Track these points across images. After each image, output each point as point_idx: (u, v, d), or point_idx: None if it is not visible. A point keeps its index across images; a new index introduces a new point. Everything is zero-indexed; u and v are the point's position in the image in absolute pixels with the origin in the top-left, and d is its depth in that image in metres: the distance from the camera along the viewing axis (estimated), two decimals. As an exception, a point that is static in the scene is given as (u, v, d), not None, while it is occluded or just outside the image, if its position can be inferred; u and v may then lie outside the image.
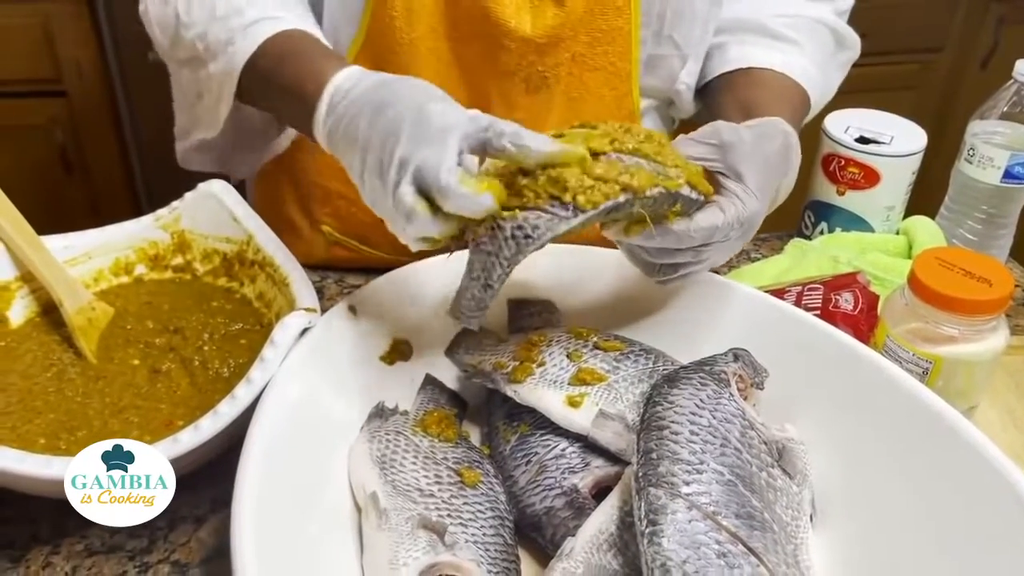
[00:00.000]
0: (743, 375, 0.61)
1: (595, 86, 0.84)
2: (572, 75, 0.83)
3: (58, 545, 0.60)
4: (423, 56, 0.80)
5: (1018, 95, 0.85)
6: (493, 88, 0.82)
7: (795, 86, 0.81)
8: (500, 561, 0.54)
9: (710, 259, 0.65)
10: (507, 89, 0.82)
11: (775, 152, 0.65)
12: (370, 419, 0.63)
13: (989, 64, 1.94)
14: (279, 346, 0.59)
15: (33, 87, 1.67)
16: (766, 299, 0.68)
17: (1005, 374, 0.75)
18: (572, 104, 0.84)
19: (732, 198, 0.62)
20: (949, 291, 0.63)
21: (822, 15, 0.86)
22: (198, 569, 0.59)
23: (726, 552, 0.49)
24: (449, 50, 0.81)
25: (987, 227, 0.90)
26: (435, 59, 0.81)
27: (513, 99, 0.82)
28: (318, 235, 0.94)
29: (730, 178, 0.62)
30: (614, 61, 0.83)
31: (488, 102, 0.83)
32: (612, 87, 0.84)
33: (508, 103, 0.82)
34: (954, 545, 0.52)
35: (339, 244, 0.93)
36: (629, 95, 0.85)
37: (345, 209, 0.91)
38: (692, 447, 0.54)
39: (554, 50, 0.80)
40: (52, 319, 0.70)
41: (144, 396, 0.64)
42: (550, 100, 0.83)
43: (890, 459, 0.57)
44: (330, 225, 0.93)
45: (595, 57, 0.82)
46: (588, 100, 0.85)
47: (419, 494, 0.57)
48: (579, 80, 0.83)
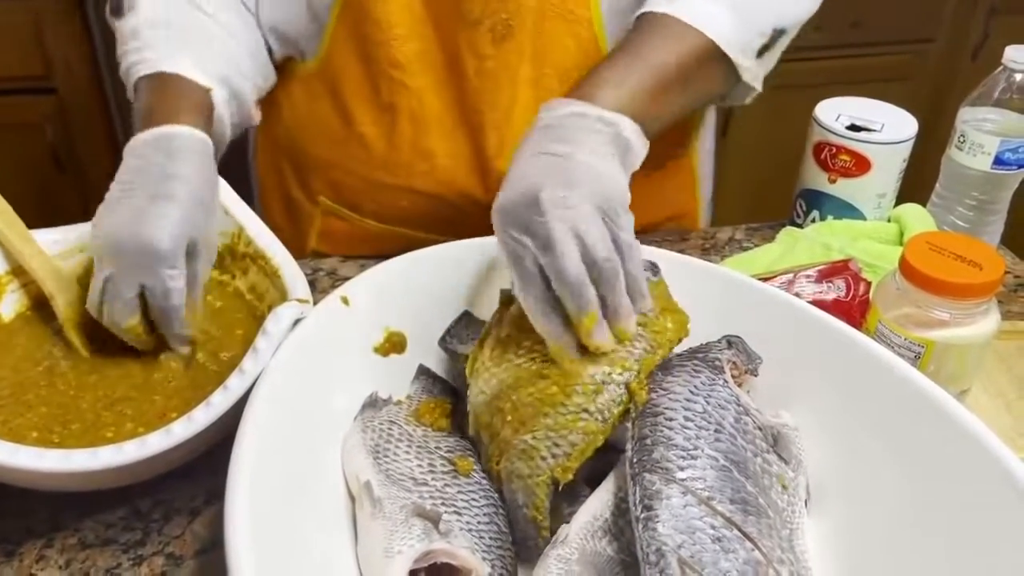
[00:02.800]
0: (737, 362, 0.61)
1: (558, 35, 0.84)
2: (536, 24, 0.82)
3: (52, 539, 0.60)
4: (396, 11, 0.81)
5: (1008, 82, 0.85)
6: (462, 40, 0.82)
7: (675, 32, 0.72)
8: (495, 548, 0.55)
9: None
10: (475, 39, 0.82)
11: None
12: (363, 409, 0.63)
13: (980, 54, 1.95)
14: (272, 336, 0.59)
15: (23, 84, 1.66)
16: (758, 286, 0.68)
17: (997, 359, 0.75)
18: (539, 55, 0.84)
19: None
20: (940, 275, 0.63)
21: None
22: (192, 561, 0.59)
23: (721, 537, 0.49)
24: (420, 3, 0.82)
25: (977, 214, 0.90)
26: (408, 15, 0.82)
27: (481, 50, 0.82)
28: (315, 208, 0.95)
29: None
30: (572, 8, 0.83)
31: (458, 53, 0.83)
32: (574, 35, 0.84)
33: (477, 54, 0.83)
34: (948, 528, 0.52)
35: (334, 214, 0.94)
36: (594, 43, 0.84)
37: (338, 178, 0.92)
38: (687, 433, 0.54)
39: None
40: (43, 313, 0.70)
41: (137, 388, 0.64)
42: (518, 50, 0.83)
43: (883, 443, 0.57)
44: (325, 195, 0.93)
45: (554, 5, 0.82)
46: (554, 50, 0.84)
47: (413, 483, 0.57)
48: (542, 30, 0.83)
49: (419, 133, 0.87)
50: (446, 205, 0.90)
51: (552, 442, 0.56)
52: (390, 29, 0.82)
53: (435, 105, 0.86)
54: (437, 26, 0.83)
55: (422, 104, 0.86)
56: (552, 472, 0.55)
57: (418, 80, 0.85)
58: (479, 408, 0.60)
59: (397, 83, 0.85)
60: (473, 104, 0.86)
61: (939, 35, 1.95)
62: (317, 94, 0.90)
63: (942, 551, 0.52)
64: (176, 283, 0.62)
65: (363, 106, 0.88)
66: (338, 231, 0.96)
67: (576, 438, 0.56)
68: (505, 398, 0.58)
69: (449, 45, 0.83)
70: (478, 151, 0.88)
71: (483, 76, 0.84)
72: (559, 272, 0.55)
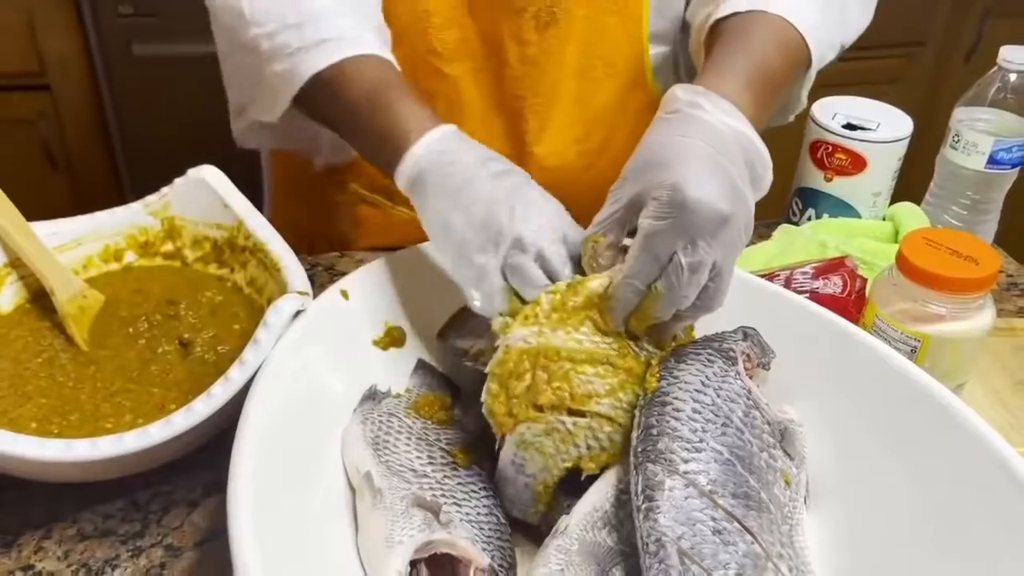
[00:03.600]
0: (751, 354, 0.61)
1: (609, 27, 0.85)
2: (588, 17, 0.83)
3: (50, 530, 0.60)
4: (435, 1, 0.81)
5: (1003, 82, 0.86)
6: (504, 26, 0.83)
7: (775, 27, 0.71)
8: (494, 539, 0.55)
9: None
10: (517, 27, 0.83)
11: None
12: (363, 401, 0.63)
13: (973, 57, 1.96)
14: (272, 328, 0.59)
15: (17, 81, 1.66)
16: (756, 281, 0.69)
17: (991, 355, 0.75)
18: (587, 47, 0.85)
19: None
20: (936, 270, 0.64)
21: None
22: (191, 552, 0.59)
23: (721, 529, 0.50)
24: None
25: (972, 213, 0.91)
26: (446, 3, 0.82)
27: (524, 36, 0.83)
28: (345, 195, 0.94)
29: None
30: (628, 3, 0.84)
31: (500, 40, 0.84)
32: (625, 29, 0.85)
33: (519, 41, 0.83)
34: (946, 521, 0.53)
35: (366, 202, 0.94)
36: (640, 39, 0.86)
37: (368, 166, 0.87)
38: (693, 425, 0.54)
39: None
40: (42, 305, 0.70)
41: (136, 380, 0.64)
42: (561, 38, 0.84)
43: (881, 438, 0.58)
44: (357, 184, 0.93)
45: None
46: (603, 43, 0.86)
47: (413, 474, 0.57)
48: (593, 23, 0.84)
49: (455, 120, 0.84)
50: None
51: (593, 432, 0.56)
52: (428, 17, 0.82)
53: (472, 92, 0.87)
54: (476, 14, 0.83)
55: (459, 91, 0.86)
56: (579, 462, 0.56)
57: (456, 68, 0.85)
58: (516, 351, 0.57)
59: (435, 71, 0.85)
60: (513, 90, 0.86)
61: (932, 38, 1.96)
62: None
63: (940, 544, 0.52)
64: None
65: None
66: (370, 220, 0.95)
67: (619, 438, 0.56)
68: (556, 360, 0.56)
69: (489, 32, 0.84)
70: (517, 137, 0.88)
71: (526, 62, 0.84)
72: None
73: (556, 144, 0.89)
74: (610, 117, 0.90)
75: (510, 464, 0.57)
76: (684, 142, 0.58)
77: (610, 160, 0.91)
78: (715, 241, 0.55)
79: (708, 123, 0.60)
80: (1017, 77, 0.85)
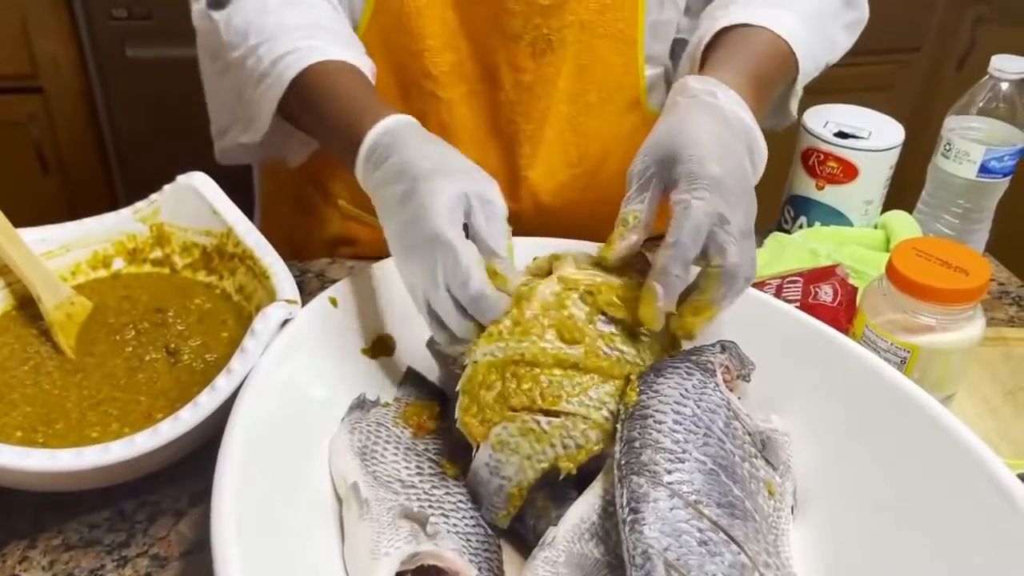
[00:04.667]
0: (729, 366, 0.62)
1: (604, 52, 0.85)
2: (581, 42, 0.83)
3: (35, 539, 0.60)
4: (430, 25, 0.81)
5: (994, 91, 0.86)
6: (500, 53, 0.83)
7: (766, 37, 0.75)
8: (482, 551, 0.54)
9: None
10: (513, 54, 0.83)
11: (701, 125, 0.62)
12: (351, 411, 0.63)
13: (966, 64, 1.96)
14: (260, 336, 0.59)
15: (9, 83, 1.65)
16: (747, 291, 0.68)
17: (980, 365, 0.75)
18: (582, 72, 0.85)
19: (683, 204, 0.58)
20: (927, 280, 0.64)
21: None
22: (177, 562, 0.59)
23: (707, 540, 0.49)
24: (455, 17, 0.82)
25: (963, 221, 0.91)
26: (442, 27, 0.82)
27: (520, 63, 0.83)
28: (333, 210, 0.94)
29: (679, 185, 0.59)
30: (623, 28, 0.84)
31: (495, 66, 0.84)
32: (620, 53, 0.85)
33: (515, 67, 0.83)
34: (933, 532, 0.53)
35: (354, 218, 0.94)
36: (635, 62, 0.86)
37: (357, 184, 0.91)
38: (675, 436, 0.54)
39: (559, 12, 0.81)
40: (29, 312, 0.69)
41: (123, 388, 0.64)
42: (557, 64, 0.84)
43: (870, 448, 0.58)
44: (344, 199, 0.93)
45: (604, 24, 0.83)
46: (597, 68, 0.86)
47: (400, 485, 0.57)
48: (588, 47, 0.84)
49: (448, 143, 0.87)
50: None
51: (567, 432, 0.56)
52: (423, 40, 0.82)
53: (466, 116, 0.87)
54: (472, 39, 0.83)
55: (452, 114, 0.86)
56: (555, 461, 0.56)
57: (450, 91, 0.85)
58: (483, 365, 0.58)
59: (429, 93, 0.85)
60: (508, 115, 0.86)
61: (925, 44, 1.97)
62: None
63: (927, 555, 0.52)
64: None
65: None
66: (359, 235, 0.96)
67: (593, 435, 0.56)
68: (523, 366, 0.57)
69: (484, 58, 0.84)
70: (510, 161, 0.89)
71: (520, 89, 0.84)
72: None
73: (549, 168, 0.90)
74: (604, 140, 0.90)
75: (484, 466, 0.57)
76: (704, 125, 0.61)
77: (605, 182, 0.91)
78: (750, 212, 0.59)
79: (723, 111, 0.63)
80: (1009, 86, 0.85)
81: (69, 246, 0.72)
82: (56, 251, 0.71)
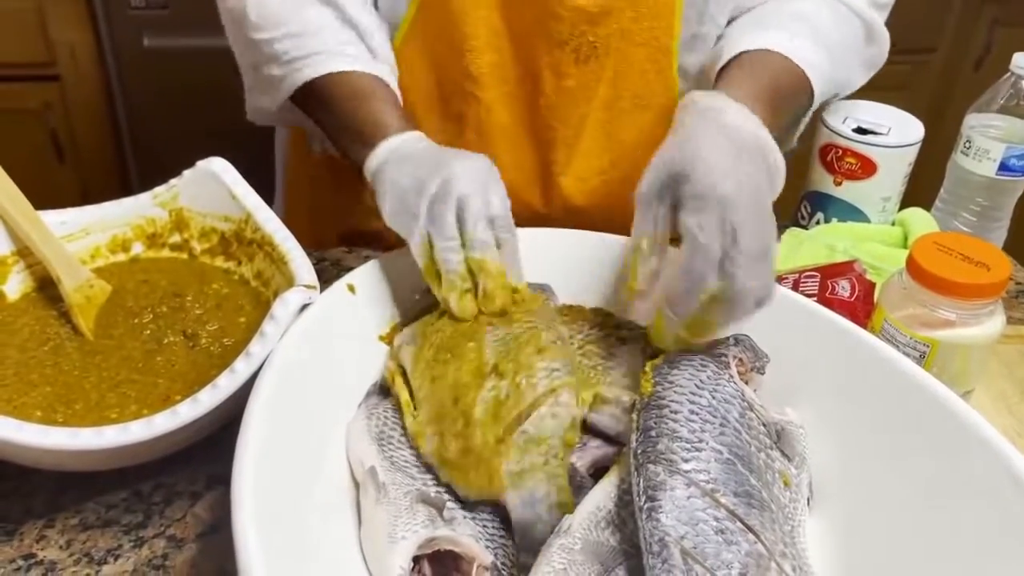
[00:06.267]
0: (743, 358, 0.62)
1: (639, 61, 0.85)
2: (619, 50, 0.83)
3: (52, 519, 0.60)
4: (473, 25, 0.81)
5: (1015, 88, 0.86)
6: (543, 58, 0.83)
7: (780, 62, 0.76)
8: (497, 537, 0.54)
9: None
10: (557, 59, 0.82)
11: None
12: (368, 396, 0.63)
13: (982, 65, 1.96)
14: (279, 320, 0.59)
15: (26, 71, 1.66)
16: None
17: (999, 362, 0.75)
18: (616, 79, 0.85)
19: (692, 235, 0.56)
20: (947, 275, 0.63)
21: (856, 4, 0.83)
22: (193, 544, 0.59)
23: (724, 529, 0.49)
24: (500, 19, 0.82)
25: (981, 219, 0.91)
26: (486, 28, 0.82)
27: (563, 69, 0.83)
28: (355, 203, 0.94)
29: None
30: (658, 36, 0.84)
31: (538, 72, 0.84)
32: (654, 61, 0.85)
33: (557, 72, 0.83)
34: (952, 527, 0.52)
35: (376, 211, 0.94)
36: (669, 71, 0.86)
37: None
38: (691, 425, 0.54)
39: (605, 20, 0.81)
40: (49, 294, 0.70)
41: (141, 371, 0.64)
42: (599, 71, 0.84)
43: (887, 442, 0.58)
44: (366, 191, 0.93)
45: (640, 32, 0.83)
46: (631, 75, 0.85)
47: (417, 470, 0.57)
48: (624, 55, 0.84)
49: (485, 144, 0.87)
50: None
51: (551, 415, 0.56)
52: (466, 41, 0.82)
53: (504, 117, 0.87)
54: (515, 41, 0.83)
55: (490, 116, 0.86)
56: (565, 443, 0.56)
57: (489, 92, 0.85)
58: (422, 440, 0.58)
59: (468, 94, 0.85)
60: (546, 120, 0.86)
61: (942, 45, 1.96)
62: None
63: (945, 549, 0.52)
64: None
65: (429, 115, 0.88)
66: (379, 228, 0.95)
67: (566, 398, 0.57)
68: (453, 412, 0.57)
69: (526, 60, 0.83)
70: (544, 165, 0.89)
71: (561, 94, 0.84)
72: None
73: (582, 173, 0.89)
74: (636, 148, 0.90)
75: (520, 506, 0.55)
76: (712, 141, 0.59)
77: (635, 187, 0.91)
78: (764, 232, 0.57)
79: (733, 126, 0.61)
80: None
81: (88, 229, 0.72)
82: (76, 234, 0.72)
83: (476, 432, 0.56)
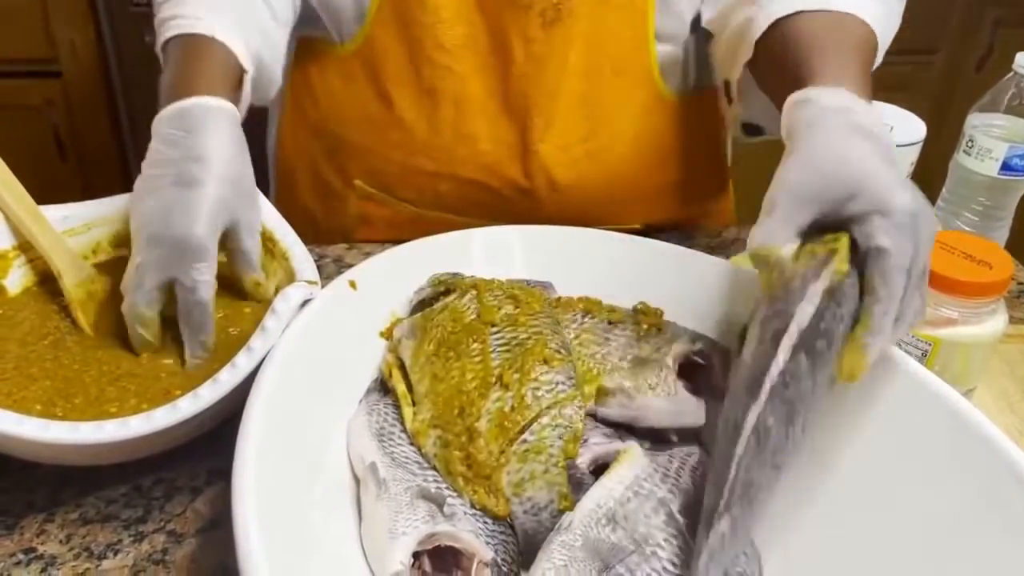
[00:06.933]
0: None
1: (615, 25, 0.84)
2: (593, 15, 0.83)
3: (53, 513, 0.60)
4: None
5: (1017, 88, 0.85)
6: (510, 23, 0.83)
7: (857, 27, 0.69)
8: (498, 533, 0.54)
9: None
10: (524, 24, 0.82)
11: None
12: (368, 392, 0.63)
13: (985, 66, 1.96)
14: (280, 315, 0.59)
15: (29, 67, 1.66)
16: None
17: (1000, 361, 0.75)
18: (593, 45, 0.85)
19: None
20: (950, 273, 0.63)
21: None
22: (193, 539, 0.59)
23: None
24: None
25: (984, 219, 0.91)
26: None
27: (530, 34, 0.83)
28: (351, 191, 0.95)
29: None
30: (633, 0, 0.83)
31: (506, 37, 0.84)
32: (631, 26, 0.85)
33: (525, 38, 0.83)
34: (953, 524, 0.52)
35: (370, 199, 0.95)
36: (645, 36, 0.86)
37: (375, 163, 0.92)
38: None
39: None
40: (50, 288, 0.69)
41: (141, 365, 0.64)
42: (567, 34, 0.84)
43: (889, 440, 0.57)
44: (362, 180, 0.93)
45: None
46: (608, 41, 0.85)
47: (418, 466, 0.57)
48: (601, 19, 0.84)
49: (461, 117, 0.87)
50: (485, 190, 0.91)
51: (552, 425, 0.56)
52: (436, 12, 0.82)
53: (478, 89, 0.87)
54: (483, 9, 0.83)
55: (465, 88, 0.86)
56: (565, 453, 0.55)
57: (463, 64, 0.85)
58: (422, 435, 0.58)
59: (441, 67, 0.85)
60: (519, 88, 0.86)
61: (944, 46, 1.96)
62: (355, 78, 0.90)
63: (947, 548, 0.52)
64: (203, 276, 0.61)
65: (404, 90, 0.88)
66: (376, 215, 0.96)
67: (569, 411, 0.57)
68: (457, 423, 0.57)
69: (496, 29, 0.84)
70: (522, 135, 0.88)
71: (531, 61, 0.84)
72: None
73: (561, 142, 0.89)
74: (616, 116, 0.90)
75: (524, 515, 0.55)
76: (867, 150, 0.55)
77: (617, 158, 0.91)
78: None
79: (872, 131, 0.57)
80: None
81: (91, 224, 0.72)
82: (78, 229, 0.71)
83: (481, 445, 0.56)
